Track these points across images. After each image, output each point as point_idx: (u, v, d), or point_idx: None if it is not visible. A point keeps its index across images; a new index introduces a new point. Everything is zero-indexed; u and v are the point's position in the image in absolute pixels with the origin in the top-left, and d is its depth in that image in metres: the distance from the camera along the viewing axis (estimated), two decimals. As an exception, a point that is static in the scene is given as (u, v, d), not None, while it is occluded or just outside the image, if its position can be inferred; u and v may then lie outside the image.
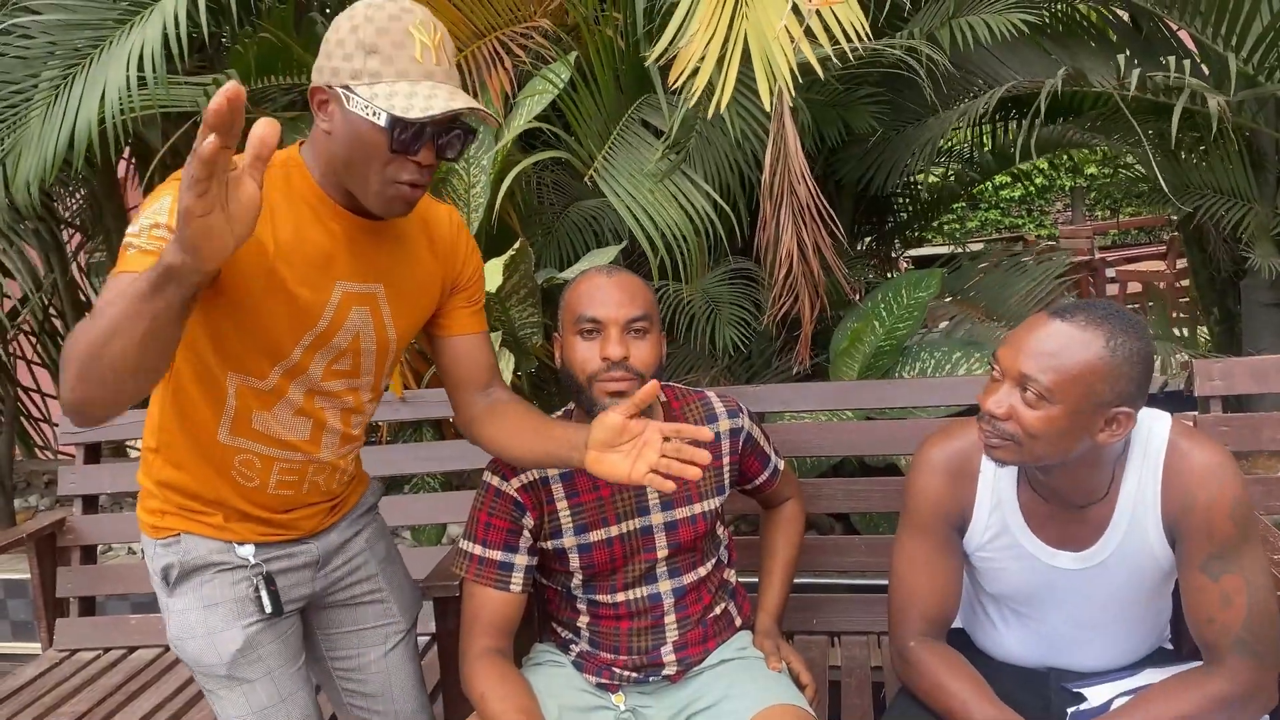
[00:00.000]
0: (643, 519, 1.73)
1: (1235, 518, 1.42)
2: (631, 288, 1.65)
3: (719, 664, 1.76)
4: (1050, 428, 1.38)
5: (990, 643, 1.71)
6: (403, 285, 1.56)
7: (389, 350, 1.58)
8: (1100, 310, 1.39)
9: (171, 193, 1.33)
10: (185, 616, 1.56)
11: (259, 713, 1.57)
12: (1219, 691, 1.42)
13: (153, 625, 2.58)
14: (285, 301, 1.43)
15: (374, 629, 1.75)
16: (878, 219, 4.12)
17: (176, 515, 1.57)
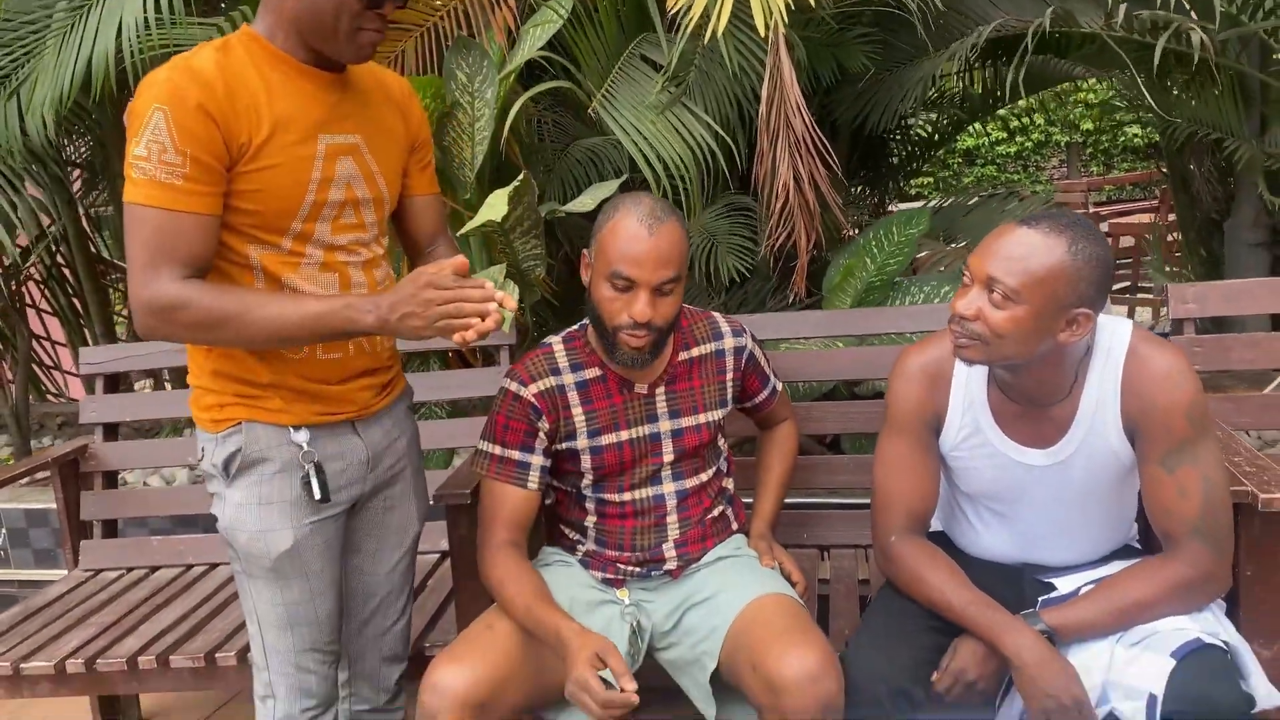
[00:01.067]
0: (651, 426, 1.84)
1: (1191, 417, 1.53)
2: (669, 248, 1.69)
3: (716, 561, 1.88)
4: (1015, 328, 1.49)
5: (967, 541, 1.82)
6: (377, 136, 1.67)
7: (384, 202, 1.70)
8: (1064, 219, 1.49)
9: (161, 108, 1.43)
10: (241, 510, 1.64)
11: (288, 605, 1.67)
12: (1177, 576, 1.54)
13: (173, 546, 2.70)
14: (283, 167, 1.53)
15: (392, 535, 1.84)
16: (872, 162, 4.19)
17: (235, 404, 1.63)
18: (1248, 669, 1.53)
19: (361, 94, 1.66)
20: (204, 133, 1.45)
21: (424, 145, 1.80)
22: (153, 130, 1.42)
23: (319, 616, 1.69)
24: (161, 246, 1.45)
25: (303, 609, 1.68)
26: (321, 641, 1.71)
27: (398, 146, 1.73)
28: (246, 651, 2.16)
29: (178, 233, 1.46)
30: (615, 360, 1.77)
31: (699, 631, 1.79)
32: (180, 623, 2.33)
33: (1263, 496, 1.64)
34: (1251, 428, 2.19)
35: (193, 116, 1.44)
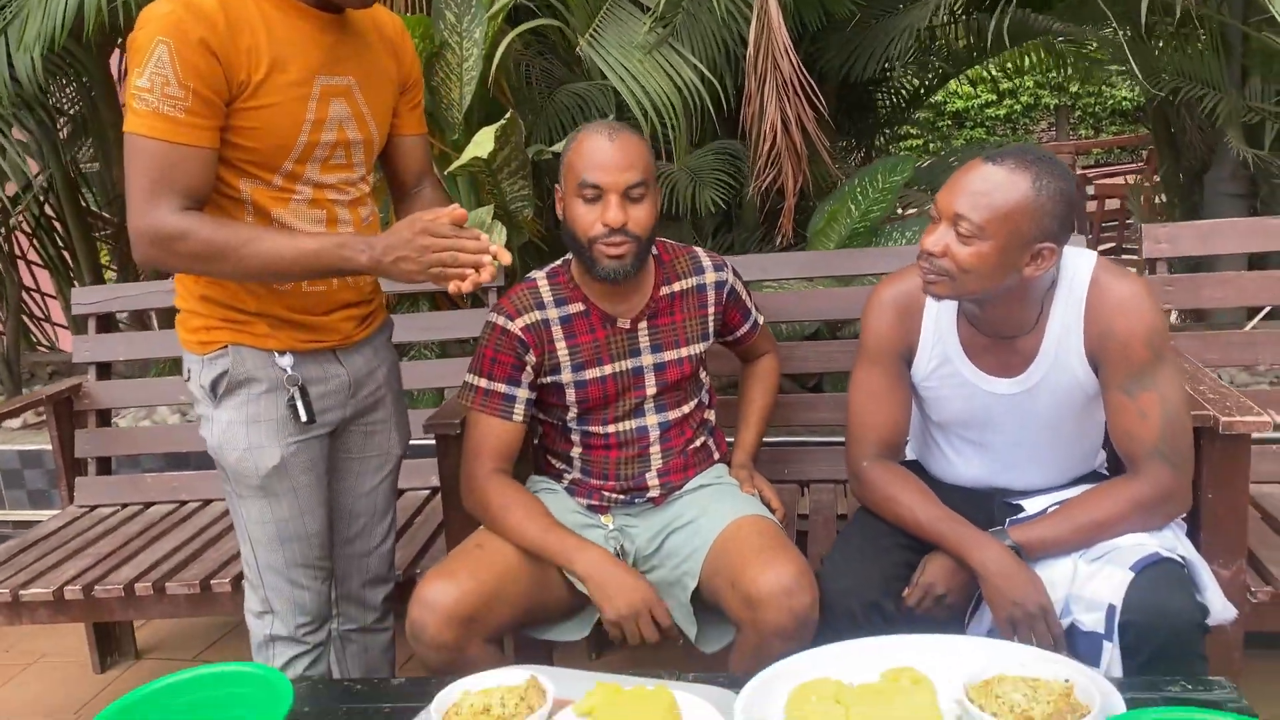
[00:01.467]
0: (634, 360, 1.89)
1: (1151, 344, 1.58)
2: (631, 152, 1.75)
3: (697, 489, 1.94)
4: (981, 263, 1.53)
5: (940, 469, 1.88)
6: (370, 77, 1.71)
7: (373, 144, 1.74)
8: (1029, 154, 1.53)
9: (165, 41, 1.45)
10: (230, 429, 1.70)
11: (278, 522, 1.73)
12: (1138, 495, 1.60)
13: (167, 483, 2.75)
14: (273, 106, 1.56)
15: (374, 458, 1.90)
16: (859, 114, 4.22)
17: (222, 327, 1.68)
18: (1203, 583, 1.59)
19: (358, 35, 1.69)
20: (206, 67, 1.48)
21: (415, 85, 1.83)
22: (156, 62, 1.45)
23: (309, 532, 1.75)
24: (162, 177, 1.49)
25: (292, 525, 1.73)
26: (313, 557, 1.77)
27: (390, 87, 1.76)
28: (241, 578, 2.21)
29: (178, 164, 1.49)
30: (598, 274, 1.79)
31: (680, 554, 1.85)
32: (175, 553, 2.39)
33: (1223, 419, 1.70)
34: (1218, 365, 2.25)
35: (196, 51, 1.46)
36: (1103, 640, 1.53)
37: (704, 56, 2.62)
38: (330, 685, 1.73)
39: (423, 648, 1.66)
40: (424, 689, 1.49)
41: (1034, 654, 1.44)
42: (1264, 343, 2.30)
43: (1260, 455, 2.24)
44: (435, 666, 1.66)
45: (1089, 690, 1.32)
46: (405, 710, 1.48)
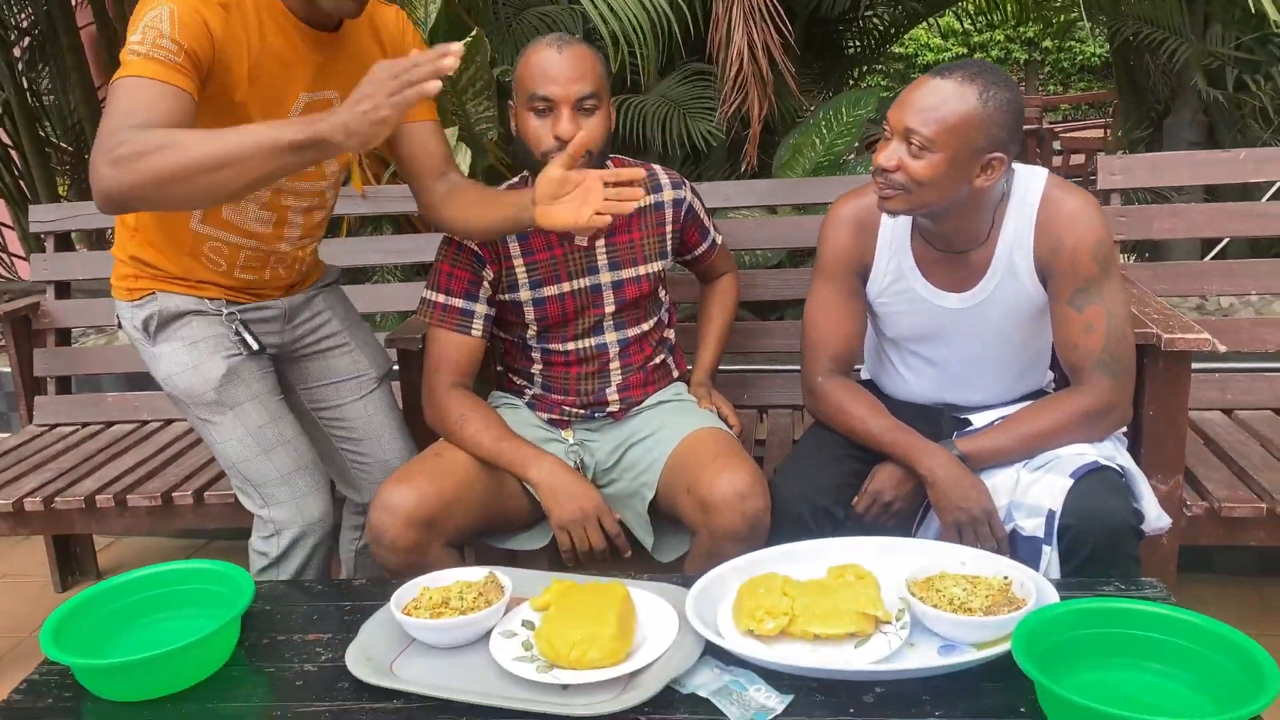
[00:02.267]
0: (592, 277, 1.91)
1: (1098, 257, 1.63)
2: (582, 63, 1.75)
3: (656, 405, 1.97)
4: (934, 174, 1.56)
5: (893, 386, 1.93)
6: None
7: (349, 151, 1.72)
8: (975, 67, 1.56)
9: (169, 4, 1.44)
10: (172, 356, 1.74)
11: (254, 432, 1.75)
12: (1080, 406, 1.65)
13: (129, 402, 2.74)
14: (254, 109, 1.56)
15: (348, 381, 1.94)
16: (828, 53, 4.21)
17: (149, 279, 1.74)
18: (1140, 491, 1.65)
19: (352, 44, 1.68)
20: (202, 37, 1.47)
21: None
22: (153, 20, 1.44)
23: (289, 436, 1.78)
24: (139, 108, 1.40)
25: (269, 431, 1.75)
26: (305, 460, 1.80)
27: None
28: (203, 491, 2.23)
29: (160, 101, 1.42)
30: None
31: (639, 465, 1.89)
32: (137, 468, 2.39)
33: (1165, 336, 1.76)
34: (1166, 294, 2.31)
35: (196, 20, 1.46)
36: (1042, 544, 1.59)
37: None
38: (292, 585, 1.75)
39: (383, 550, 1.69)
40: (385, 590, 1.52)
41: (974, 554, 1.50)
42: (1212, 273, 2.36)
43: (1204, 383, 2.32)
44: (395, 569, 1.69)
45: (1026, 586, 1.38)
46: (366, 608, 1.51)
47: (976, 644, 1.32)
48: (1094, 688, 1.22)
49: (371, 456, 1.96)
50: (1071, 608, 1.29)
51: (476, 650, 1.41)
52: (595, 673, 1.31)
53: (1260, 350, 2.30)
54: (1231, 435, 2.19)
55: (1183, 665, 1.23)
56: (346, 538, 2.06)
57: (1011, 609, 1.33)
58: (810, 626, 1.35)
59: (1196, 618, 1.25)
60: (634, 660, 1.34)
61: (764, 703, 1.27)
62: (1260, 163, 2.27)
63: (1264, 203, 2.42)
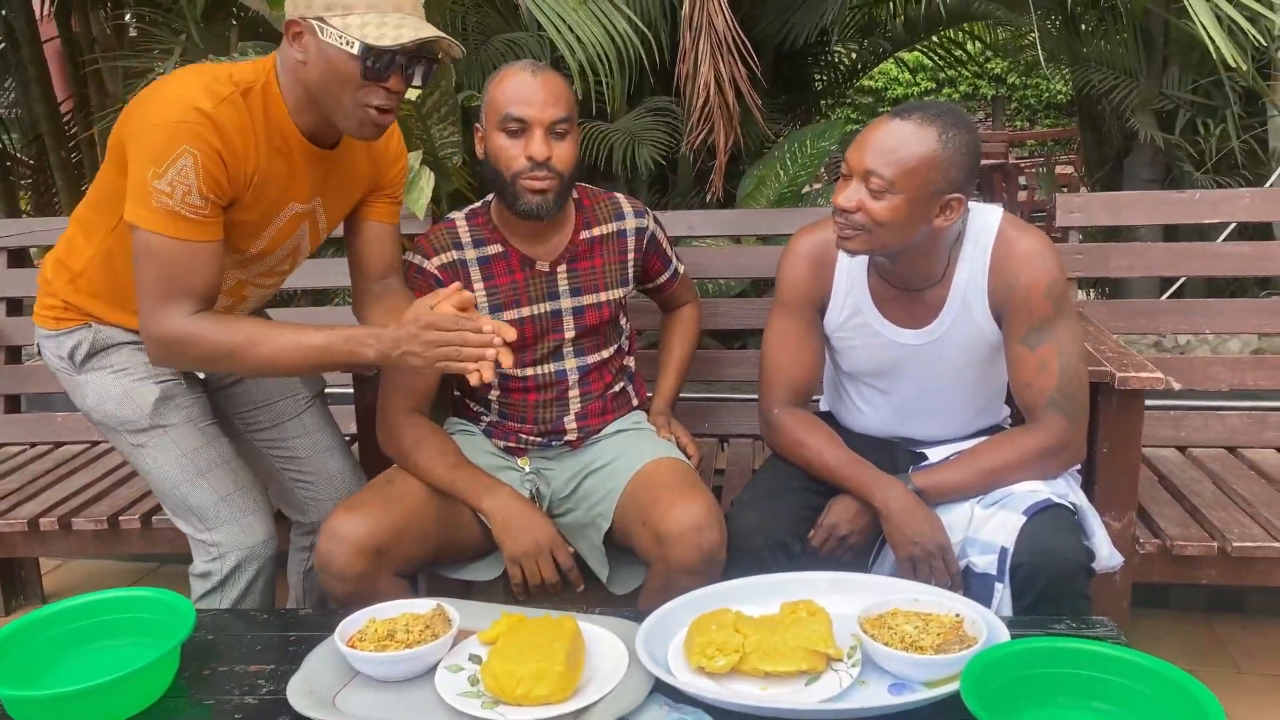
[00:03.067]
0: (553, 303, 1.90)
1: (1051, 296, 1.64)
2: (556, 88, 1.76)
3: (615, 433, 1.96)
4: (894, 216, 1.57)
5: (850, 419, 1.93)
6: (340, 194, 1.74)
7: (319, 243, 1.80)
8: (934, 109, 1.57)
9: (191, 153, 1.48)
10: (99, 383, 1.72)
11: (189, 454, 1.72)
12: (1034, 444, 1.66)
13: (79, 422, 2.68)
14: (239, 223, 1.61)
15: (281, 401, 1.92)
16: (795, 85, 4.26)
17: (80, 314, 1.72)
18: (1092, 529, 1.66)
19: (345, 159, 1.71)
20: (221, 179, 1.53)
21: (394, 184, 1.83)
22: (179, 170, 1.48)
23: (225, 457, 1.75)
24: (177, 277, 1.52)
25: (204, 454, 1.72)
26: (244, 481, 1.77)
27: (359, 193, 1.79)
28: (151, 515, 2.19)
29: (194, 261, 1.53)
30: (520, 210, 1.78)
31: (595, 495, 1.87)
32: (84, 490, 2.34)
33: (1119, 375, 1.77)
34: (1122, 332, 2.33)
35: (215, 164, 1.51)
36: (995, 581, 1.59)
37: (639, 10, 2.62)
38: (235, 614, 1.72)
39: (331, 579, 1.66)
40: (330, 620, 1.50)
41: (926, 590, 1.50)
42: (1167, 312, 2.39)
43: (1158, 420, 2.35)
44: (343, 598, 1.66)
45: (977, 623, 1.38)
46: (311, 639, 1.48)
47: (927, 682, 1.32)
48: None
49: (314, 474, 1.93)
50: (1020, 647, 1.29)
51: (422, 684, 1.38)
52: (541, 709, 1.29)
53: (1214, 389, 2.33)
54: (1185, 473, 2.21)
55: (1129, 705, 1.23)
56: (294, 560, 2.02)
57: (963, 646, 1.33)
58: (761, 664, 1.34)
59: (1142, 658, 1.25)
60: (581, 697, 1.33)
61: (711, 741, 1.26)
62: (1214, 203, 2.31)
63: (1219, 243, 2.46)
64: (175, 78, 1.54)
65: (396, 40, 1.48)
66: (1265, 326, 2.32)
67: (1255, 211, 2.32)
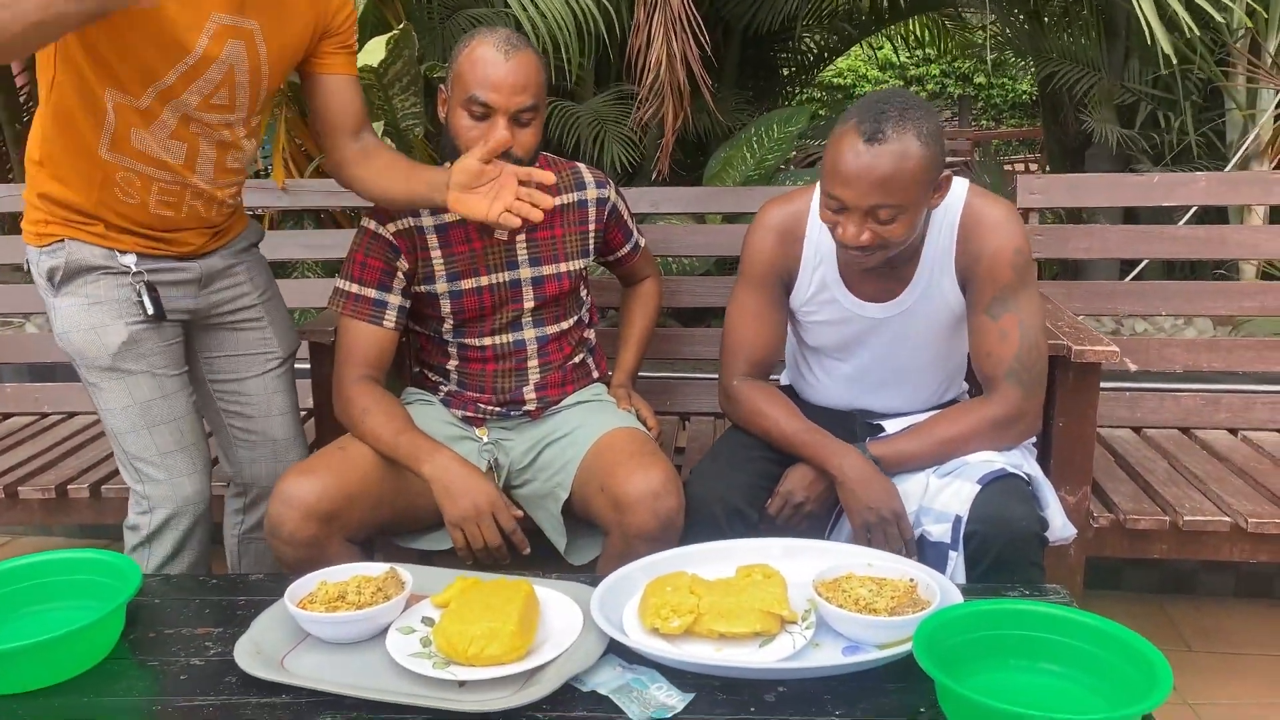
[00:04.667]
0: (512, 272, 1.88)
1: (1015, 265, 1.65)
2: (526, 74, 1.71)
3: (575, 405, 1.95)
4: (908, 228, 1.56)
5: (810, 392, 1.93)
6: (277, 24, 1.64)
7: (261, 86, 1.68)
8: (894, 112, 1.52)
9: None
10: (70, 312, 1.67)
11: (141, 405, 1.68)
12: (990, 414, 1.66)
13: (28, 394, 2.63)
14: (156, 20, 1.50)
15: (253, 355, 1.87)
16: (763, 73, 4.27)
17: (60, 224, 1.66)
18: (1046, 500, 1.67)
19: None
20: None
21: (343, 29, 1.76)
22: None
23: (177, 413, 1.71)
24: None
25: (157, 407, 1.69)
26: (188, 441, 1.73)
27: (299, 34, 1.70)
28: (100, 485, 2.15)
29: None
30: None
31: (554, 465, 1.86)
32: (32, 460, 2.29)
33: (1075, 348, 1.79)
34: (1079, 312, 2.36)
35: None
36: (949, 549, 1.59)
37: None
38: (185, 579, 1.69)
39: (281, 544, 1.64)
40: (280, 584, 1.47)
41: (881, 556, 1.50)
42: (1124, 294, 2.42)
43: (1114, 401, 2.37)
44: (293, 563, 1.64)
45: (931, 588, 1.38)
46: (261, 603, 1.46)
47: (880, 644, 1.32)
48: (993, 688, 1.22)
49: (259, 434, 1.90)
50: (972, 609, 1.29)
51: (373, 646, 1.36)
52: (493, 669, 1.28)
53: (1168, 370, 2.36)
54: (1139, 452, 2.24)
55: (1080, 666, 1.24)
56: (229, 524, 1.99)
57: (916, 610, 1.33)
58: (715, 625, 1.34)
59: (1093, 619, 1.26)
60: (534, 657, 1.31)
61: (664, 701, 1.25)
62: (1171, 186, 2.33)
63: (1176, 227, 2.48)
64: None
65: None
66: (1218, 308, 2.36)
67: (1211, 195, 2.35)
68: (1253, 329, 2.89)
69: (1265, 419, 2.35)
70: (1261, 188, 2.37)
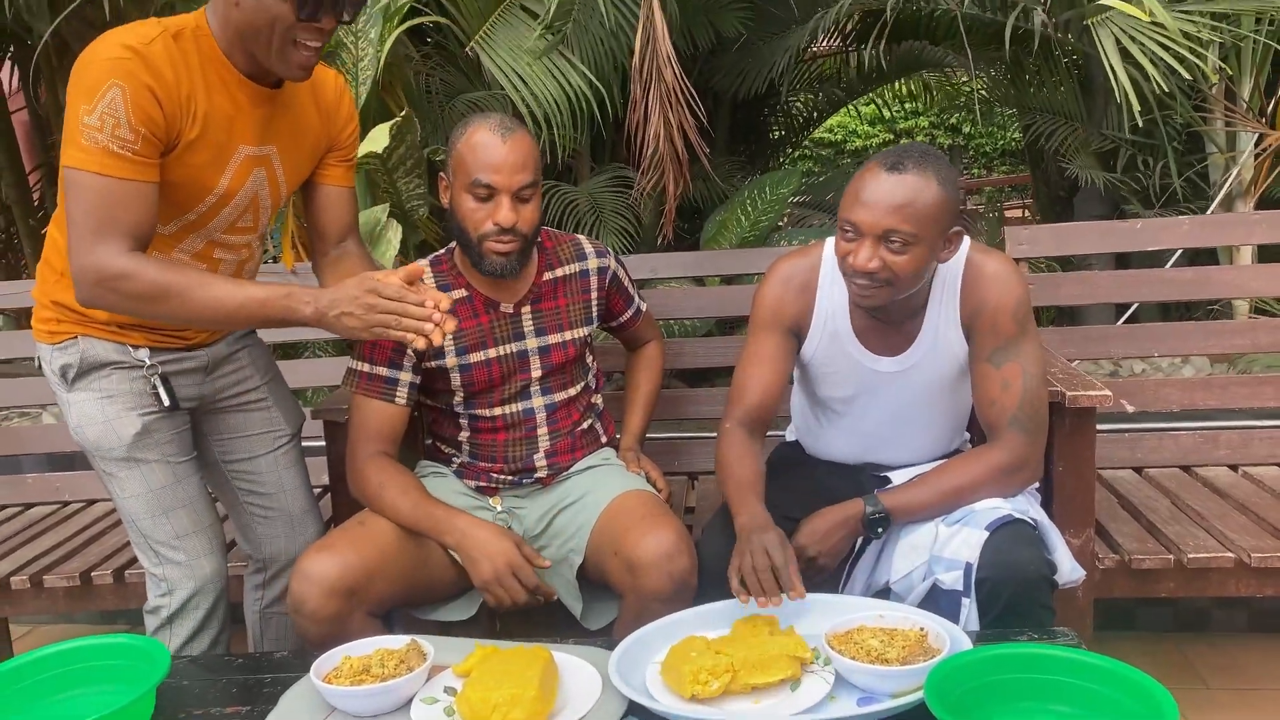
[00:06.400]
0: (519, 343, 1.94)
1: (1017, 316, 1.71)
2: (523, 152, 1.80)
3: (585, 470, 1.99)
4: (917, 265, 1.62)
5: (819, 446, 1.97)
6: (293, 145, 1.75)
7: (280, 201, 1.79)
8: (917, 153, 1.61)
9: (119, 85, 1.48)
10: (84, 406, 1.73)
11: (156, 491, 1.74)
12: (995, 461, 1.70)
13: (49, 484, 2.68)
14: (192, 166, 1.61)
15: (262, 435, 1.93)
16: (753, 136, 4.38)
17: (72, 323, 1.73)
18: (1053, 544, 1.70)
19: (291, 102, 1.73)
20: (155, 115, 1.52)
21: (348, 143, 1.86)
22: (108, 104, 1.48)
23: (190, 497, 1.76)
24: (109, 214, 1.51)
25: (172, 492, 1.74)
26: (204, 523, 1.78)
27: (314, 149, 1.81)
28: (124, 570, 2.19)
29: (126, 200, 1.52)
30: (484, 270, 1.85)
31: (567, 531, 1.90)
32: (55, 549, 2.34)
33: (1069, 394, 1.83)
34: (1074, 358, 2.41)
35: (147, 98, 1.51)
36: (961, 597, 1.62)
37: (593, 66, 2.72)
38: (210, 659, 1.72)
39: (304, 620, 1.67)
40: (305, 661, 1.51)
41: (891, 606, 1.54)
42: (1116, 337, 2.47)
43: (1114, 442, 2.41)
44: (317, 639, 1.66)
45: (940, 635, 1.42)
46: (286, 680, 1.50)
47: (894, 693, 1.35)
48: (1005, 730, 1.25)
49: (276, 509, 1.94)
50: (981, 655, 1.33)
51: (399, 717, 1.40)
52: (517, 734, 1.31)
53: (1165, 410, 2.40)
54: (1141, 491, 2.27)
55: (1088, 705, 1.27)
56: (249, 601, 2.02)
57: (927, 658, 1.36)
58: (751, 679, 1.38)
59: (1098, 659, 1.29)
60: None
61: (685, 758, 1.28)
62: (1156, 231, 2.40)
63: (1164, 270, 2.55)
64: (105, 33, 1.55)
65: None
66: (1209, 347, 2.41)
67: (1195, 238, 2.42)
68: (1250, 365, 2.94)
69: (1265, 454, 2.38)
70: (1244, 228, 2.44)
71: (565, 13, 2.70)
